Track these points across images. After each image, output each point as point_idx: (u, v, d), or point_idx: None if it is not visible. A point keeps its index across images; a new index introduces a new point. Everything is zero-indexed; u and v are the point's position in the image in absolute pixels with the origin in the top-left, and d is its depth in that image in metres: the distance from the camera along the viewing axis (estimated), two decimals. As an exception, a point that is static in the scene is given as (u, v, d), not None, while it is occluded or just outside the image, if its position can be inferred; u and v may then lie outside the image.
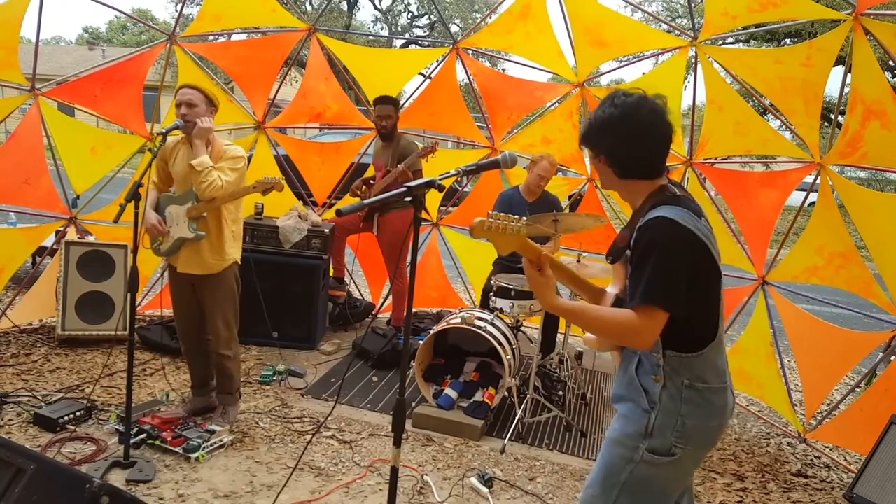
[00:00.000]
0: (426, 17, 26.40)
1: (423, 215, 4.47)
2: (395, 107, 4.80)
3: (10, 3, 4.14)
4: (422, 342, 4.00)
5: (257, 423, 3.59)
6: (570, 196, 5.59)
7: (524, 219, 1.69)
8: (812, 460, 3.95)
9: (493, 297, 4.08)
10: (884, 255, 3.63)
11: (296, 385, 4.17)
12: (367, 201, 2.00)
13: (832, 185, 3.91)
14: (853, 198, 3.88)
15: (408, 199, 1.88)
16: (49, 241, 4.98)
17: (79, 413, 3.37)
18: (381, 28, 27.57)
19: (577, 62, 4.98)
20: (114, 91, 4.69)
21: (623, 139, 1.77)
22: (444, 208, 6.11)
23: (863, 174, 15.93)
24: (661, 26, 11.54)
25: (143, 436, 3.19)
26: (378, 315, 5.73)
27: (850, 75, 3.66)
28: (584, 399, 4.38)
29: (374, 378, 4.43)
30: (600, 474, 1.84)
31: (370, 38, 23.03)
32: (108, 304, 4.55)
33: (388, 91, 4.98)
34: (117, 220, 3.04)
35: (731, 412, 1.83)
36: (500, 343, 3.72)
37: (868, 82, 3.51)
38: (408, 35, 25.99)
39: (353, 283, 5.77)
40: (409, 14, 27.21)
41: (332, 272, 5.25)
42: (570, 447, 3.71)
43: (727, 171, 5.03)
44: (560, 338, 4.60)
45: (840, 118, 6.43)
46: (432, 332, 3.98)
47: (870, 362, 4.13)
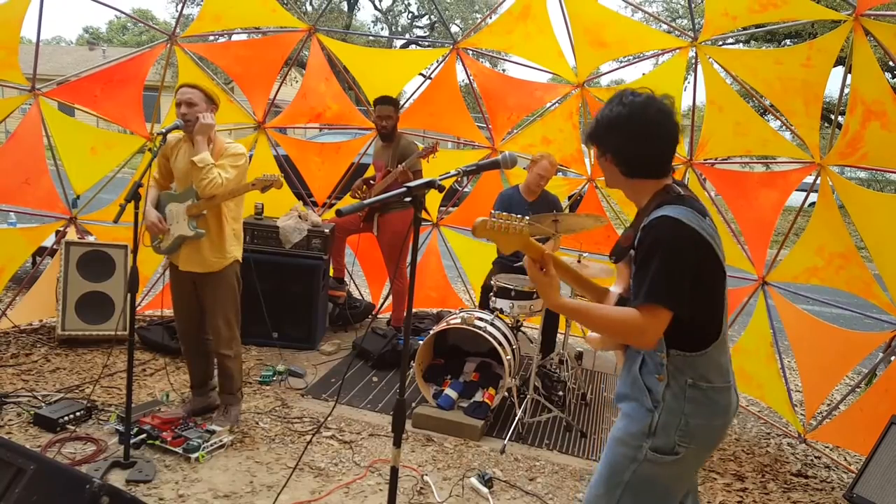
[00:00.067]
0: (426, 17, 26.43)
1: (423, 215, 4.47)
2: (396, 107, 4.80)
3: (10, 3, 4.14)
4: (422, 342, 4.00)
5: (257, 423, 3.59)
6: (570, 196, 5.59)
7: (527, 218, 1.69)
8: (812, 460, 3.95)
9: (493, 298, 4.08)
10: (884, 255, 3.62)
11: (296, 385, 4.17)
12: (367, 201, 2.00)
13: (832, 186, 3.91)
14: (853, 198, 3.87)
15: (408, 199, 1.88)
16: (49, 242, 4.98)
17: (79, 413, 3.37)
18: (382, 28, 27.62)
19: (577, 62, 4.98)
20: (114, 91, 4.69)
21: (630, 138, 1.77)
22: (444, 208, 6.11)
23: (863, 174, 15.94)
24: (661, 27, 11.55)
25: (143, 436, 3.19)
26: (378, 315, 5.73)
27: (850, 76, 3.66)
28: (585, 399, 4.39)
29: (374, 378, 4.43)
30: (604, 474, 1.84)
31: (370, 38, 23.04)
32: (108, 305, 4.55)
33: (388, 91, 4.98)
34: (117, 221, 3.04)
35: (734, 411, 1.82)
36: (500, 343, 3.72)
37: (868, 83, 3.51)
38: (408, 35, 26.00)
39: (353, 283, 5.77)
40: (410, 14, 27.24)
41: (332, 272, 5.25)
42: (570, 447, 3.71)
43: (727, 171, 5.02)
44: (560, 338, 4.60)
45: (840, 118, 6.42)
46: (432, 332, 3.98)
47: (870, 363, 4.12)
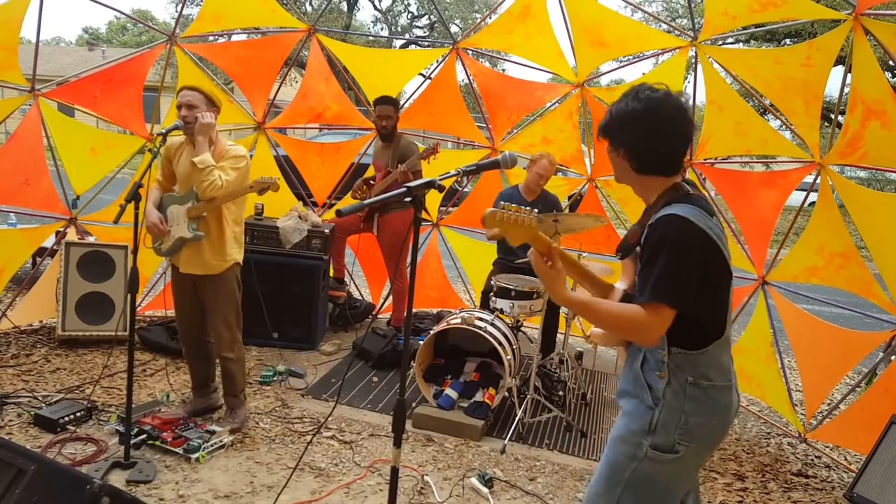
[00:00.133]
0: (426, 17, 26.42)
1: (423, 216, 4.47)
2: (395, 107, 4.81)
3: (10, 3, 4.14)
4: (422, 342, 4.00)
5: (258, 423, 3.59)
6: (569, 196, 5.59)
7: (535, 210, 1.69)
8: (812, 460, 3.95)
9: (494, 298, 4.08)
10: (884, 254, 3.62)
11: (296, 385, 4.17)
12: (367, 202, 2.00)
13: (832, 185, 3.91)
14: (853, 197, 3.87)
15: (408, 199, 1.88)
16: (49, 242, 4.98)
17: (79, 414, 3.37)
18: (381, 28, 27.61)
19: (577, 62, 4.98)
20: (114, 92, 4.69)
21: (645, 134, 1.76)
22: (444, 209, 6.11)
23: (863, 174, 15.92)
24: (661, 26, 11.54)
25: (144, 436, 3.19)
26: (378, 315, 5.73)
27: (850, 75, 3.66)
28: (585, 399, 4.38)
29: (375, 378, 4.43)
30: (604, 472, 1.84)
31: (370, 38, 23.03)
32: (108, 305, 4.55)
33: (388, 91, 4.98)
34: (117, 221, 3.04)
35: (735, 411, 1.82)
36: (500, 343, 3.72)
37: (868, 82, 3.51)
38: (408, 35, 25.99)
39: (354, 283, 5.77)
40: (409, 14, 27.24)
41: (332, 272, 5.25)
42: (570, 447, 3.71)
43: (727, 171, 5.03)
44: (560, 338, 4.60)
45: (840, 118, 6.42)
46: (432, 332, 3.98)
47: (870, 362, 4.13)
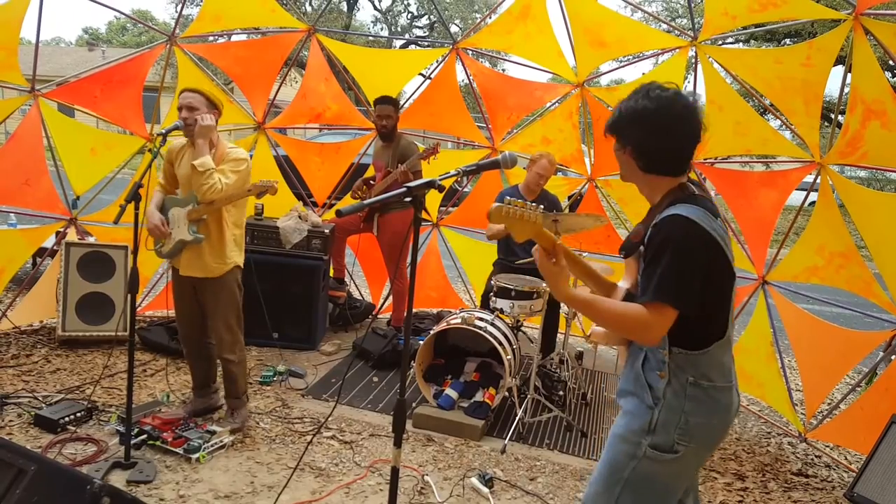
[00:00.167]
0: (426, 17, 26.43)
1: (423, 216, 4.47)
2: (396, 107, 4.81)
3: (9, 3, 4.14)
4: (422, 342, 4.00)
5: (258, 423, 3.59)
6: (569, 196, 5.59)
7: (541, 207, 1.70)
8: (813, 460, 3.95)
9: (494, 298, 4.08)
10: (884, 254, 3.62)
11: (296, 385, 4.17)
12: (367, 202, 2.00)
13: (832, 185, 3.91)
14: (853, 197, 3.88)
15: (408, 199, 1.88)
16: (49, 242, 4.98)
17: (79, 414, 3.37)
18: (381, 28, 27.62)
19: (577, 62, 4.98)
20: (114, 92, 4.69)
21: (653, 132, 1.75)
22: (444, 209, 6.11)
23: (863, 174, 15.92)
24: (661, 26, 11.54)
25: (144, 437, 3.19)
26: (378, 315, 5.73)
27: (850, 75, 3.66)
28: (585, 399, 4.39)
29: (375, 378, 4.43)
30: (604, 471, 1.85)
31: (370, 38, 23.03)
32: (108, 305, 4.55)
33: (388, 91, 4.98)
34: (117, 221, 3.03)
35: (735, 412, 1.81)
36: (500, 343, 3.72)
37: (868, 82, 3.51)
38: (407, 35, 25.99)
39: (354, 283, 5.77)
40: (409, 14, 27.24)
41: (332, 273, 5.25)
42: (570, 447, 3.71)
43: (727, 170, 5.02)
44: (560, 338, 4.60)
45: (840, 118, 6.42)
46: (432, 332, 3.98)
47: (870, 362, 4.13)
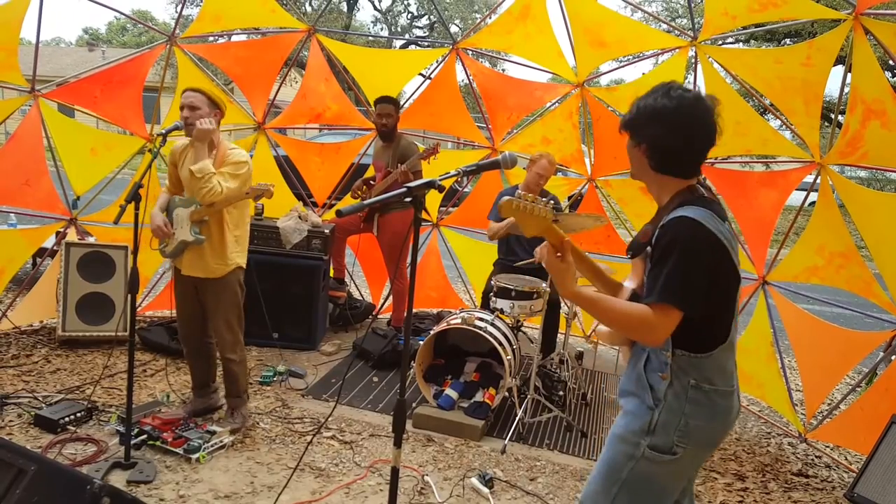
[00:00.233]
0: (426, 17, 26.44)
1: (424, 216, 4.47)
2: (396, 106, 4.82)
3: (10, 4, 4.14)
4: (422, 342, 4.00)
5: (258, 423, 3.59)
6: (570, 196, 5.59)
7: (551, 202, 1.69)
8: (813, 460, 3.95)
9: (494, 298, 4.08)
10: (884, 254, 3.62)
11: (296, 386, 4.17)
12: (367, 202, 2.00)
13: (832, 185, 3.90)
14: (853, 197, 3.87)
15: (408, 199, 1.89)
16: (49, 243, 4.98)
17: (79, 414, 3.37)
18: (381, 29, 27.63)
19: (577, 62, 4.98)
20: (114, 92, 4.69)
21: (672, 131, 1.74)
22: (444, 209, 6.11)
23: (863, 174, 15.91)
24: (660, 26, 11.54)
25: (144, 437, 3.19)
26: (378, 315, 5.73)
27: (850, 75, 3.66)
28: (585, 399, 4.38)
29: (375, 378, 4.43)
30: (602, 470, 1.85)
31: (370, 38, 23.04)
32: (108, 305, 4.55)
33: (388, 91, 4.98)
34: (117, 222, 3.03)
35: (735, 416, 1.81)
36: (500, 343, 3.72)
37: (868, 82, 3.51)
38: (407, 35, 26.00)
39: (354, 283, 5.77)
40: (409, 15, 27.25)
41: (332, 273, 5.25)
42: (570, 447, 3.71)
43: (727, 171, 5.02)
44: (560, 338, 4.60)
45: (840, 118, 6.42)
46: (433, 332, 3.98)
47: (870, 362, 4.12)
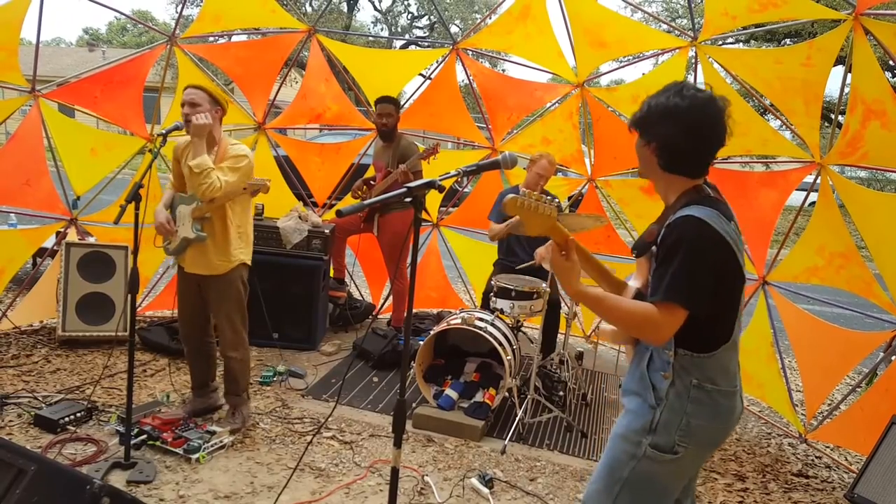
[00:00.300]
0: (426, 17, 26.44)
1: (424, 216, 4.47)
2: (396, 106, 4.82)
3: (10, 4, 4.14)
4: (422, 343, 4.00)
5: (258, 423, 3.59)
6: (570, 196, 5.59)
7: (556, 200, 1.69)
8: (813, 460, 3.95)
9: (494, 298, 4.08)
10: (884, 254, 3.62)
11: (296, 386, 4.17)
12: (367, 202, 2.00)
13: (832, 185, 3.90)
14: (853, 197, 3.87)
15: (408, 199, 1.89)
16: (49, 243, 4.98)
17: (79, 414, 3.37)
18: (381, 29, 27.63)
19: (577, 63, 4.98)
20: (114, 92, 4.69)
21: (684, 130, 1.74)
22: (444, 209, 6.11)
23: (863, 174, 15.91)
24: (661, 26, 11.55)
25: (144, 437, 3.19)
26: (378, 316, 5.73)
27: (850, 75, 3.66)
28: (585, 399, 4.38)
29: (375, 379, 4.43)
30: (604, 469, 1.85)
31: (370, 38, 23.06)
32: (108, 305, 4.55)
33: (388, 92, 4.98)
34: (118, 222, 3.03)
35: (738, 417, 1.81)
36: (500, 343, 3.72)
37: (868, 82, 3.50)
38: (408, 36, 26.01)
39: (354, 283, 5.77)
40: (409, 15, 27.26)
41: (332, 273, 5.25)
42: (570, 448, 3.71)
43: (727, 171, 5.01)
44: (560, 338, 4.60)
45: (840, 118, 6.42)
46: (433, 332, 3.98)
47: (870, 362, 4.12)
